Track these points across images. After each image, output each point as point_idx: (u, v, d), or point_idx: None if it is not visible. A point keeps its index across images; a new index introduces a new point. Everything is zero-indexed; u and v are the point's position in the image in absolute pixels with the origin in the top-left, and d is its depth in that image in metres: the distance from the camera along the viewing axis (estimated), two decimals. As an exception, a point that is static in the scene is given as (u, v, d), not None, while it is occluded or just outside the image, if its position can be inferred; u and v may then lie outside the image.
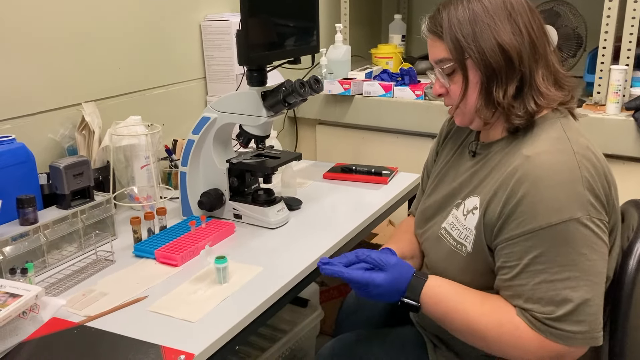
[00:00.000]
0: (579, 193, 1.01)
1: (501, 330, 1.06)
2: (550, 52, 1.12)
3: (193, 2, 2.07)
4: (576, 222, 1.00)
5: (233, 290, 1.25)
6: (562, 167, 1.03)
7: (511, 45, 1.07)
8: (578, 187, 1.01)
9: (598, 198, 1.03)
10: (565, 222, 1.00)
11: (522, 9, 1.10)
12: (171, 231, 1.50)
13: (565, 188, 1.01)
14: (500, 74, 1.08)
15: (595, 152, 1.09)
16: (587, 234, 1.01)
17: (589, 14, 2.25)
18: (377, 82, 2.37)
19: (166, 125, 1.96)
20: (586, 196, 1.01)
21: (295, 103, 1.52)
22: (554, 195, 1.01)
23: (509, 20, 1.08)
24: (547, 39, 1.13)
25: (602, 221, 1.03)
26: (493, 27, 1.08)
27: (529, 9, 1.12)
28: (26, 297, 1.05)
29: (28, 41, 1.56)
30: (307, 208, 1.72)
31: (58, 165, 1.40)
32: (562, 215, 1.00)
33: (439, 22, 1.13)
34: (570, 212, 1.00)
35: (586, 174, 1.03)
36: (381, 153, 2.42)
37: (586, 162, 1.04)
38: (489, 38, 1.08)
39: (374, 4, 3.17)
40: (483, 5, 1.10)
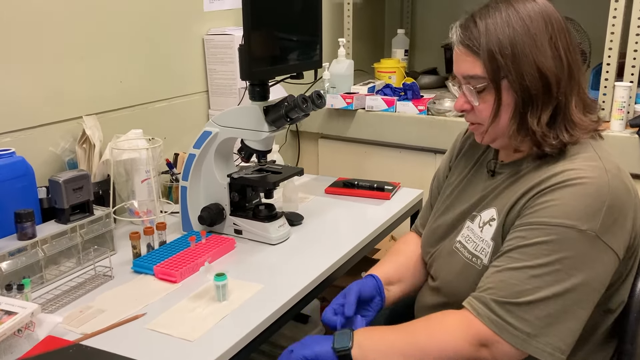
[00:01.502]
0: (598, 209, 0.96)
1: (429, 322, 1.03)
2: (582, 77, 1.08)
3: (196, 15, 2.07)
4: (579, 232, 0.96)
5: (232, 308, 1.23)
6: (592, 181, 0.98)
7: (551, 72, 1.02)
8: (599, 204, 0.97)
9: (616, 221, 0.98)
10: (568, 228, 0.96)
11: (561, 30, 1.04)
12: (171, 246, 1.48)
13: (587, 200, 0.97)
14: (536, 100, 1.03)
15: (626, 174, 1.05)
16: (584, 250, 0.96)
17: (592, 30, 2.25)
18: (379, 97, 2.36)
19: (168, 139, 1.95)
20: (602, 215, 0.96)
21: (298, 118, 1.51)
22: (573, 202, 0.97)
23: (550, 43, 1.02)
24: (580, 61, 1.07)
25: (609, 246, 0.98)
26: (534, 50, 1.02)
27: (566, 29, 1.05)
28: (22, 315, 1.03)
29: (29, 54, 1.56)
30: (308, 223, 1.70)
31: (58, 180, 1.39)
32: (569, 220, 0.96)
33: (475, 35, 1.05)
34: (579, 221, 0.96)
35: (613, 195, 0.98)
36: (383, 168, 2.41)
37: (617, 182, 1.00)
38: (529, 61, 1.02)
39: (376, 19, 3.17)
40: (524, 23, 1.02)
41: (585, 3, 2.55)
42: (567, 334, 0.96)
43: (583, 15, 2.33)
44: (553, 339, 0.95)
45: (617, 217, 0.98)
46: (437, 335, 1.01)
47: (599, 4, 2.22)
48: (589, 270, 0.96)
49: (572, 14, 2.26)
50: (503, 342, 0.96)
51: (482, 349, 0.98)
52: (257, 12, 1.42)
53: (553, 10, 1.05)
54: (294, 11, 1.57)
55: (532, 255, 0.98)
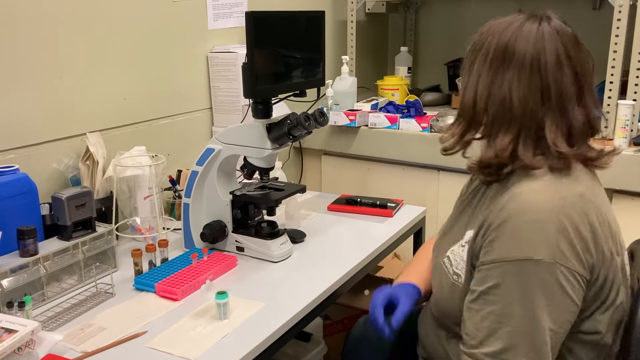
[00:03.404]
0: (549, 236, 0.96)
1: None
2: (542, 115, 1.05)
3: (201, 33, 2.08)
4: (536, 264, 0.96)
5: (234, 327, 1.22)
6: (541, 206, 0.98)
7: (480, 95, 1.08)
8: (550, 230, 0.96)
9: (574, 248, 0.97)
10: (523, 261, 0.96)
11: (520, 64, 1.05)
12: (172, 264, 1.48)
13: (536, 227, 0.97)
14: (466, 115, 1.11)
15: (591, 202, 1.02)
16: (544, 279, 0.96)
17: (595, 47, 2.24)
18: (382, 114, 2.36)
19: (171, 156, 1.96)
20: (556, 241, 0.96)
21: (300, 136, 1.51)
22: (523, 232, 0.98)
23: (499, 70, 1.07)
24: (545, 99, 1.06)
25: (572, 272, 0.97)
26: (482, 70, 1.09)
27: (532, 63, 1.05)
28: (22, 333, 1.03)
29: (33, 71, 1.57)
30: (311, 241, 1.70)
31: (60, 196, 1.39)
32: (523, 253, 0.97)
33: None
34: (533, 252, 0.96)
35: (564, 219, 0.97)
36: (386, 185, 2.40)
37: (570, 209, 0.98)
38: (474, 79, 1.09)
39: (380, 36, 3.19)
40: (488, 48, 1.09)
41: (587, 21, 2.56)
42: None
43: (586, 33, 2.33)
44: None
45: (573, 244, 0.97)
46: None
47: (602, 22, 2.23)
48: (558, 297, 0.97)
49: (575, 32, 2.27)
50: None
51: None
52: (260, 30, 1.43)
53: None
54: (297, 29, 1.58)
55: (501, 295, 0.99)
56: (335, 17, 2.78)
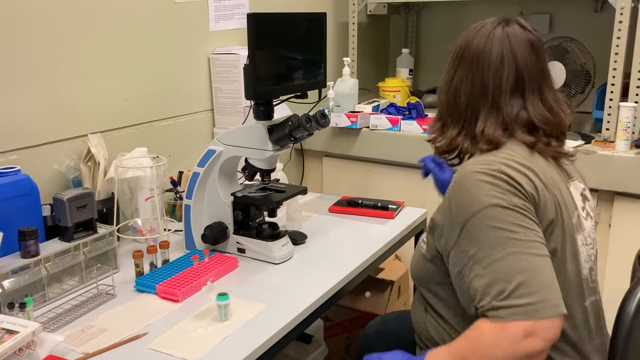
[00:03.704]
0: (495, 184, 1.06)
1: (470, 343, 1.06)
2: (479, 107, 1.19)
3: (202, 34, 2.09)
4: (496, 206, 1.05)
5: (235, 328, 1.22)
6: (476, 169, 1.10)
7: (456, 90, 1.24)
8: (493, 180, 1.07)
9: (519, 191, 1.07)
10: (485, 209, 1.05)
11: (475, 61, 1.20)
12: (173, 265, 1.48)
13: (480, 183, 1.07)
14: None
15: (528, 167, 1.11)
16: (511, 214, 1.05)
17: (597, 50, 2.26)
18: (384, 116, 2.36)
19: (172, 157, 1.96)
20: (503, 186, 1.06)
21: (302, 137, 1.51)
22: (471, 191, 1.08)
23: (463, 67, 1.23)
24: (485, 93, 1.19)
25: (527, 209, 1.06)
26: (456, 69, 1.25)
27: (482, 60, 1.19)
28: (23, 334, 1.03)
29: (35, 72, 1.58)
30: (312, 242, 1.70)
31: (62, 197, 1.39)
32: (482, 203, 1.06)
33: None
34: (489, 199, 1.05)
35: (505, 169, 1.08)
36: (388, 186, 2.40)
37: (511, 162, 1.10)
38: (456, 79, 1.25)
39: (381, 38, 3.19)
40: (460, 48, 1.25)
41: (589, 24, 2.56)
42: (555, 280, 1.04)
43: (587, 36, 2.34)
44: (558, 291, 1.03)
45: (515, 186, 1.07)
46: (490, 352, 1.03)
47: (603, 24, 2.23)
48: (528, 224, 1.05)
49: (577, 35, 2.27)
50: (541, 322, 1.00)
51: (529, 340, 1.00)
52: (262, 32, 1.43)
53: None
54: (299, 31, 1.59)
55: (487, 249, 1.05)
56: (337, 18, 2.79)
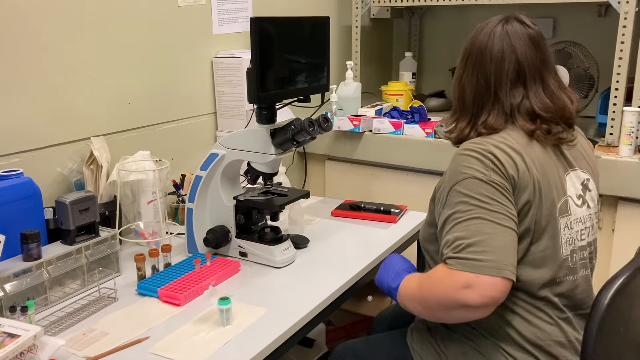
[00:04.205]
0: (480, 160, 1.19)
1: (428, 278, 1.23)
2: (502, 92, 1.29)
3: (205, 38, 2.09)
4: (475, 178, 1.18)
5: (236, 333, 1.22)
6: (468, 146, 1.23)
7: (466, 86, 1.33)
8: (478, 156, 1.20)
9: (499, 169, 1.18)
10: (466, 179, 1.19)
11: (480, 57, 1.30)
12: (175, 269, 1.48)
13: (467, 157, 1.21)
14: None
15: (517, 152, 1.21)
16: (486, 187, 1.17)
17: (600, 55, 2.25)
18: (387, 120, 2.36)
19: (175, 160, 1.96)
20: (486, 163, 1.19)
21: (304, 141, 1.51)
22: (459, 163, 1.22)
23: (469, 64, 1.32)
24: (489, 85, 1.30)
25: (504, 186, 1.18)
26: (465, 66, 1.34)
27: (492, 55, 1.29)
28: (24, 338, 1.03)
29: (38, 75, 1.58)
30: (314, 246, 1.69)
31: (64, 201, 1.39)
32: (464, 174, 1.20)
33: None
34: (471, 171, 1.19)
35: (493, 150, 1.20)
36: (390, 190, 2.40)
37: (499, 145, 1.21)
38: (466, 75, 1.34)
39: (385, 42, 3.19)
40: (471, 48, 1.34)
41: (593, 28, 2.56)
42: (513, 251, 1.16)
43: (591, 41, 2.33)
44: (510, 258, 1.14)
45: (498, 166, 1.19)
46: (434, 290, 1.20)
47: (607, 29, 2.23)
48: (500, 199, 1.17)
49: (580, 39, 2.27)
50: (483, 278, 1.11)
51: (467, 290, 1.12)
52: (265, 36, 1.43)
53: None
54: (302, 35, 1.59)
55: (460, 211, 1.19)
56: (340, 22, 2.79)
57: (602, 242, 2.01)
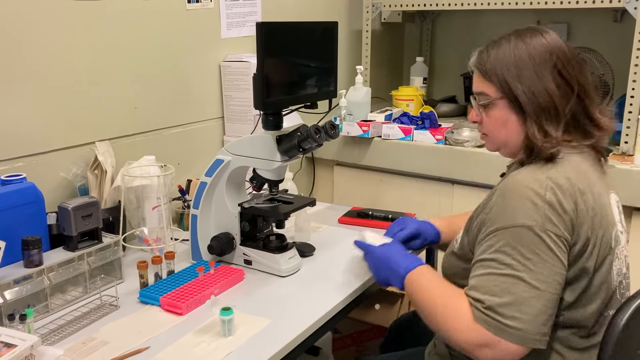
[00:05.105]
0: (537, 205, 1.09)
1: (446, 309, 1.15)
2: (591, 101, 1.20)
3: (213, 42, 2.07)
4: (528, 229, 1.08)
5: (238, 345, 1.19)
6: (528, 184, 1.12)
7: (552, 94, 1.17)
8: (537, 201, 1.09)
9: (559, 216, 1.09)
10: (518, 227, 1.09)
11: (566, 61, 1.18)
12: (178, 276, 1.46)
13: (525, 200, 1.10)
14: (536, 115, 1.18)
15: (576, 187, 1.12)
16: (537, 242, 1.08)
17: (616, 61, 2.21)
18: (396, 125, 2.33)
19: (181, 165, 1.94)
20: (544, 210, 1.08)
21: (310, 148, 1.48)
22: (514, 204, 1.11)
23: (553, 70, 1.18)
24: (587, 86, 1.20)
25: (559, 237, 1.08)
26: (535, 75, 1.17)
27: (575, 61, 1.20)
28: (21, 348, 1.01)
29: (43, 79, 1.57)
30: (320, 255, 1.66)
31: (67, 206, 1.37)
32: (517, 220, 1.09)
33: (484, 60, 1.23)
34: (525, 219, 1.09)
35: (550, 193, 1.10)
36: (399, 197, 2.37)
37: (554, 186, 1.11)
38: (528, 84, 1.17)
39: (395, 46, 3.16)
40: (529, 52, 1.19)
41: (608, 34, 2.51)
42: (547, 318, 1.08)
43: (606, 47, 2.29)
44: (541, 328, 1.07)
45: (558, 213, 1.09)
46: (450, 327, 1.14)
47: (623, 34, 2.18)
48: (548, 258, 1.08)
49: (595, 45, 2.23)
50: (504, 343, 1.06)
51: (484, 349, 1.08)
52: (272, 41, 1.41)
53: (560, 45, 1.20)
54: (310, 41, 1.56)
55: (501, 260, 1.10)
56: (351, 26, 2.76)
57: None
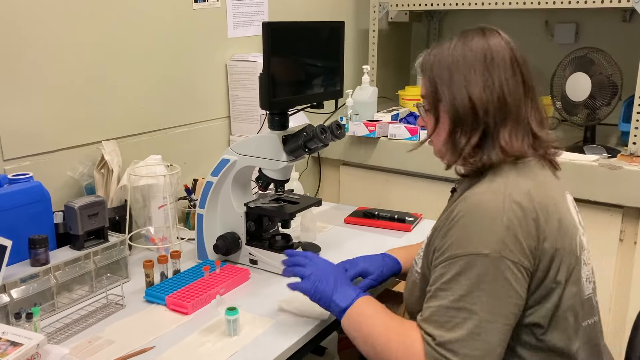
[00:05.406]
0: (494, 231, 1.01)
1: (392, 338, 1.08)
2: (527, 107, 1.12)
3: (220, 41, 2.07)
4: (483, 257, 1.00)
5: (243, 344, 1.20)
6: (485, 206, 1.04)
7: (479, 99, 1.09)
8: (494, 226, 1.01)
9: (517, 241, 1.01)
10: (472, 256, 1.01)
11: (502, 63, 1.11)
12: (184, 276, 1.46)
13: (481, 225, 1.02)
14: (465, 123, 1.11)
15: (536, 200, 1.05)
16: (492, 271, 1.00)
17: (624, 61, 2.19)
18: (403, 125, 2.32)
19: (187, 164, 1.95)
20: (501, 236, 1.01)
21: (316, 148, 1.48)
22: (471, 230, 1.03)
23: (484, 73, 1.10)
24: (527, 93, 1.12)
25: (516, 264, 1.01)
26: (467, 78, 1.10)
27: (512, 62, 1.11)
28: (27, 347, 1.01)
29: (49, 78, 1.57)
30: (325, 255, 1.66)
31: (73, 206, 1.38)
32: (472, 248, 1.01)
33: (425, 61, 1.18)
34: (480, 246, 1.01)
35: (509, 215, 1.02)
36: (405, 197, 2.36)
37: (514, 206, 1.03)
38: (460, 87, 1.10)
39: (402, 45, 3.15)
40: (465, 53, 1.11)
41: (617, 34, 2.49)
42: (501, 352, 1.01)
43: (615, 47, 2.27)
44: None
45: (518, 238, 1.01)
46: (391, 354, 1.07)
47: (632, 35, 2.16)
48: (503, 289, 1.00)
49: (604, 45, 2.21)
50: None
51: None
52: (278, 41, 1.41)
53: (501, 48, 1.12)
54: (316, 41, 1.56)
55: (454, 290, 1.02)
56: (357, 26, 2.75)
57: (624, 255, 1.95)
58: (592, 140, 2.20)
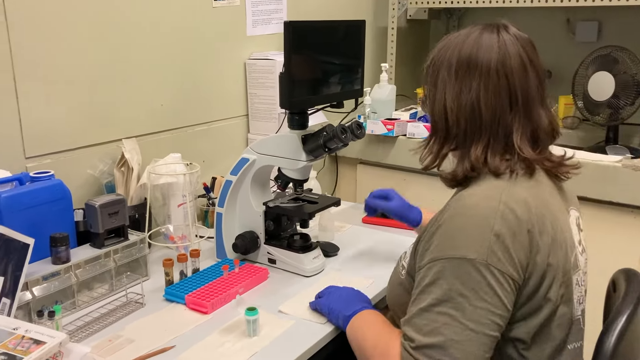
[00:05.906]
0: (483, 236, 0.96)
1: (378, 343, 1.08)
2: (512, 120, 1.05)
3: (239, 39, 2.07)
4: (469, 263, 0.96)
5: (263, 345, 1.19)
6: (479, 209, 0.99)
7: (450, 107, 1.06)
8: (484, 231, 0.97)
9: (507, 251, 0.96)
10: (457, 259, 0.97)
11: (485, 69, 1.04)
12: (203, 275, 1.46)
13: (472, 228, 0.98)
14: (440, 130, 1.10)
15: (534, 209, 1.00)
16: (476, 278, 0.96)
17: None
18: (421, 124, 2.30)
19: (206, 162, 1.95)
20: (490, 242, 0.96)
21: (336, 148, 1.47)
22: (459, 232, 0.99)
23: (464, 79, 1.05)
24: (514, 104, 1.04)
25: (503, 274, 0.96)
26: (449, 81, 1.06)
27: (500, 67, 1.03)
28: (50, 345, 1.02)
29: (71, 77, 1.58)
30: (344, 254, 1.66)
31: (94, 204, 1.38)
32: (458, 252, 0.97)
33: (430, 57, 1.14)
34: (467, 251, 0.97)
35: (500, 222, 0.97)
36: (423, 196, 2.33)
37: (509, 213, 0.98)
38: (440, 91, 1.07)
39: (421, 43, 3.13)
40: (453, 54, 1.07)
41: None
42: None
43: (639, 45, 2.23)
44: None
45: (507, 247, 0.96)
46: None
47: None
48: (487, 296, 0.96)
49: (627, 44, 2.17)
50: None
51: None
52: (299, 41, 1.40)
53: (492, 50, 1.04)
54: (336, 40, 1.55)
55: (436, 294, 0.98)
56: (376, 23, 2.74)
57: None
58: (615, 140, 2.17)
